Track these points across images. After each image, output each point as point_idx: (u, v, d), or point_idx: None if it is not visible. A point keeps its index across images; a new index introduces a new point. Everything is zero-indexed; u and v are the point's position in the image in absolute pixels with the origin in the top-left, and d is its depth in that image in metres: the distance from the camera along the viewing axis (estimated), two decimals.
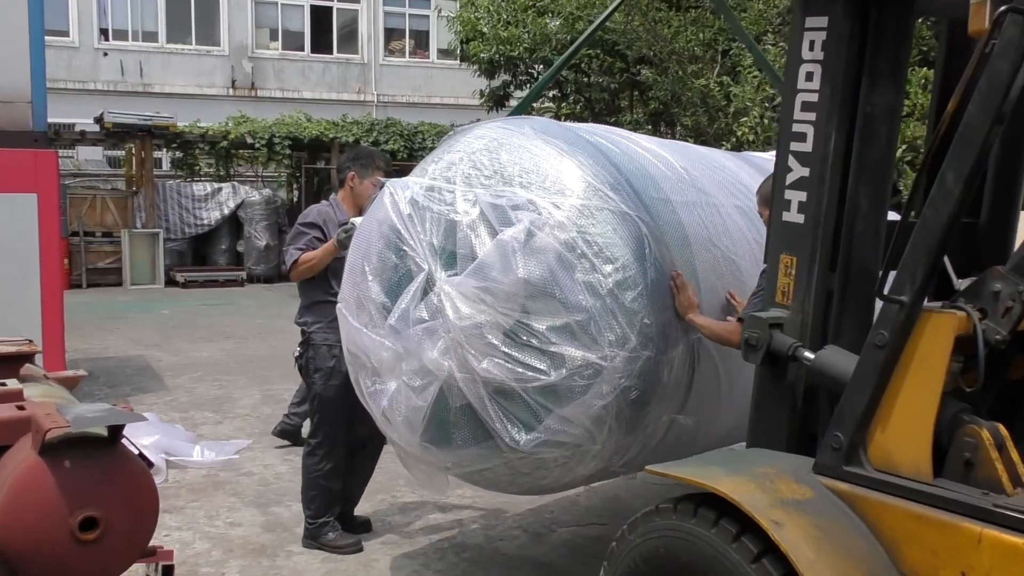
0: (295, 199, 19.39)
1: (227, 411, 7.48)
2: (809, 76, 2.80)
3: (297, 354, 4.71)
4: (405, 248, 3.54)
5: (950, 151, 2.24)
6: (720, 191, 3.99)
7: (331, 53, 24.74)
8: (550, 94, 14.21)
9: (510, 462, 3.43)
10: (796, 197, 2.83)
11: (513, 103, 14.90)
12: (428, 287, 3.45)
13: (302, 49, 24.48)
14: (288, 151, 17.95)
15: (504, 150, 3.51)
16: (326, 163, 18.61)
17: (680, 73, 11.29)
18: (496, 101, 14.89)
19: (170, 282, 16.67)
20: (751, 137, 9.65)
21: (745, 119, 9.74)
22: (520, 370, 3.23)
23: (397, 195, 3.64)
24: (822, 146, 2.77)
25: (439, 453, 3.56)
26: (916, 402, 2.31)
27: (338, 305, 3.90)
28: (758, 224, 4.02)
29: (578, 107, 14.34)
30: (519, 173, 3.43)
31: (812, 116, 2.80)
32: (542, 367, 3.21)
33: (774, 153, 5.80)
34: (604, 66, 13.21)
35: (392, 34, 25.45)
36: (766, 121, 9.70)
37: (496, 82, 14.95)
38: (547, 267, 3.20)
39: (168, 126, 16.69)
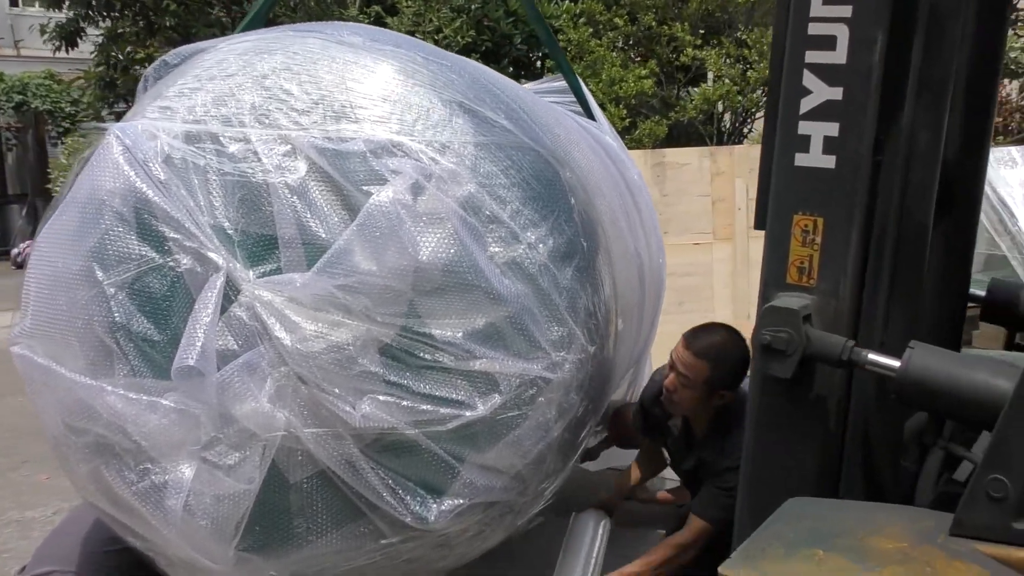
0: None
1: None
2: None
3: None
4: (173, 235, 2.10)
5: None
6: (568, 122, 3.06)
7: None
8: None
9: (392, 549, 2.21)
10: (820, 131, 1.97)
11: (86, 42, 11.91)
12: (230, 297, 2.08)
13: None
14: None
15: (323, 67, 2.23)
16: None
17: None
18: (66, 38, 11.92)
19: None
20: None
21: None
22: (425, 407, 2.03)
23: (137, 148, 2.16)
24: (865, 55, 1.92)
25: (266, 562, 2.21)
26: None
27: (15, 347, 2.30)
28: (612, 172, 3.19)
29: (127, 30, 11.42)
30: (362, 102, 2.18)
31: (845, 10, 1.93)
32: (461, 397, 2.05)
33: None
34: None
35: None
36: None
37: (61, 15, 12.01)
38: (453, 241, 2.04)
39: None
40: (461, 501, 2.12)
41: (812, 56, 1.96)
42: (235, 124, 2.17)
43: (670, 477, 3.74)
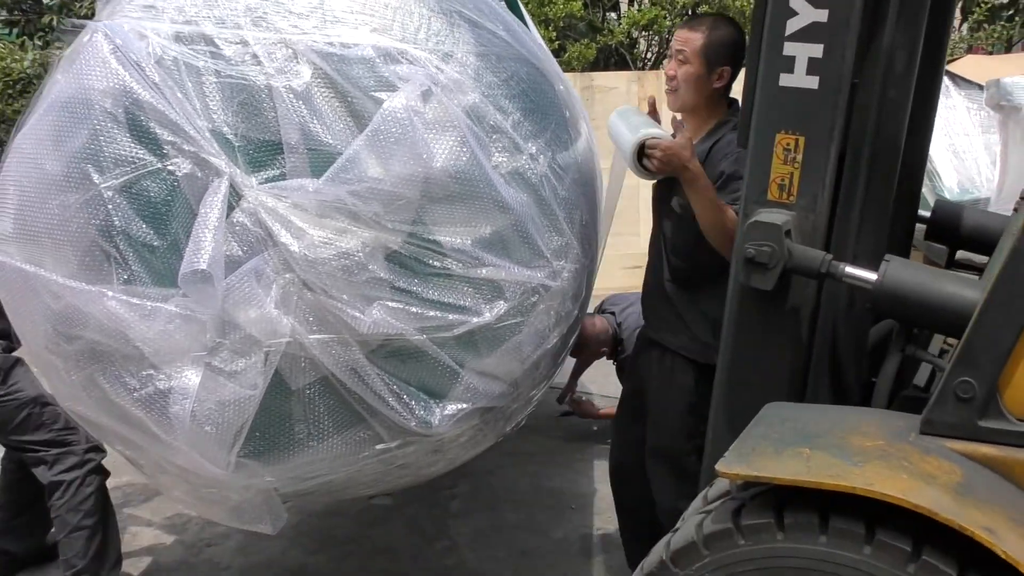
0: None
1: None
2: None
3: None
4: (170, 139, 2.05)
5: None
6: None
7: None
8: None
9: (389, 455, 2.28)
10: (804, 52, 2.03)
11: None
12: (231, 204, 2.06)
13: None
14: None
15: None
16: None
17: None
18: None
19: None
20: None
21: None
22: (432, 314, 2.08)
23: (127, 47, 2.08)
24: None
25: (264, 467, 2.24)
26: None
27: None
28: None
29: None
30: (360, 7, 2.15)
31: None
32: (468, 304, 2.11)
33: None
34: None
35: None
36: None
37: None
38: (464, 149, 2.06)
39: None
40: (464, 406, 2.19)
41: None
42: (230, 26, 2.11)
43: (613, 395, 3.87)
